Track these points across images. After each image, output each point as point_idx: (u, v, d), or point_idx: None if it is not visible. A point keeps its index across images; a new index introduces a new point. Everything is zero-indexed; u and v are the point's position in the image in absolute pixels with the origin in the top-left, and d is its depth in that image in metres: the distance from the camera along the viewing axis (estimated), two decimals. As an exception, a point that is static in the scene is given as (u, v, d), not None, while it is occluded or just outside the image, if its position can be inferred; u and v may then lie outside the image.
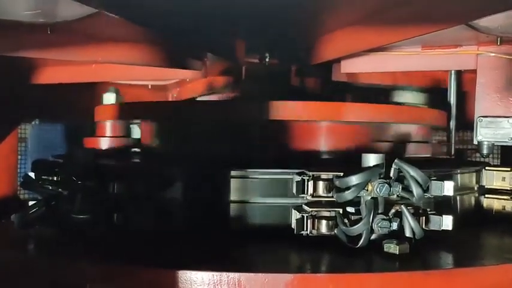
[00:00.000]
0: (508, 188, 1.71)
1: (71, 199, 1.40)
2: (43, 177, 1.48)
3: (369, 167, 1.29)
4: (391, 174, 1.30)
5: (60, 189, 1.45)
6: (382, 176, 1.28)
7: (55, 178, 1.47)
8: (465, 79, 2.39)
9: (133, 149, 1.94)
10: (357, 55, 2.27)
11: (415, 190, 1.28)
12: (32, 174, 1.52)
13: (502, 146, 2.05)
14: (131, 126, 2.05)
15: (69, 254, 1.28)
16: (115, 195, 1.44)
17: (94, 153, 1.45)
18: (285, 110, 1.59)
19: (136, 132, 2.03)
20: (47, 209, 1.42)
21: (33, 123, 3.19)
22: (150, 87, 3.08)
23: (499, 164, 2.38)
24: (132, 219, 1.42)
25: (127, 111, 1.86)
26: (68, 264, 1.22)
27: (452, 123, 2.28)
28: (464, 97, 2.39)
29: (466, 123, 2.31)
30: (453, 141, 2.29)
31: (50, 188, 1.47)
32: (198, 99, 2.72)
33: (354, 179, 1.26)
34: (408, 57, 2.20)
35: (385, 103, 2.35)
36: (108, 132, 2.02)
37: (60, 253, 1.30)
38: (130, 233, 1.40)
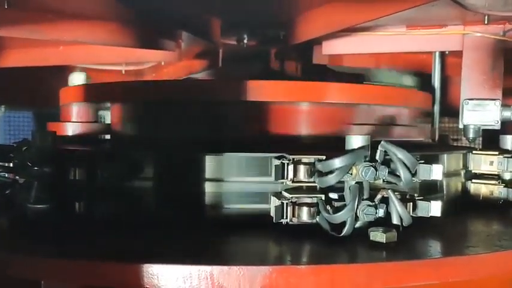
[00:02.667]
0: (496, 173, 1.66)
1: (27, 187, 1.27)
2: (-4, 163, 1.35)
3: (353, 150, 1.21)
4: (377, 157, 1.22)
5: (16, 177, 1.33)
6: (367, 159, 1.21)
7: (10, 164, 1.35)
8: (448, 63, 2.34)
9: (101, 134, 1.82)
10: (338, 36, 2.18)
11: (403, 174, 1.20)
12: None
13: (483, 130, 1.98)
14: (103, 111, 1.94)
15: (23, 248, 1.16)
16: (76, 182, 1.33)
17: (53, 137, 1.31)
18: (262, 90, 1.50)
19: (108, 117, 1.91)
20: (1, 198, 1.32)
21: (-3, 110, 3.05)
22: (123, 72, 2.96)
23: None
24: (95, 208, 1.32)
25: (92, 92, 1.73)
26: (22, 258, 1.11)
27: (437, 107, 2.24)
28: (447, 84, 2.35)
29: (448, 112, 2.26)
30: (437, 126, 2.25)
31: (5, 175, 1.35)
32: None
33: (337, 162, 1.18)
34: (392, 38, 2.13)
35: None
36: (73, 116, 1.89)
37: (14, 246, 1.18)
38: (92, 224, 1.29)
